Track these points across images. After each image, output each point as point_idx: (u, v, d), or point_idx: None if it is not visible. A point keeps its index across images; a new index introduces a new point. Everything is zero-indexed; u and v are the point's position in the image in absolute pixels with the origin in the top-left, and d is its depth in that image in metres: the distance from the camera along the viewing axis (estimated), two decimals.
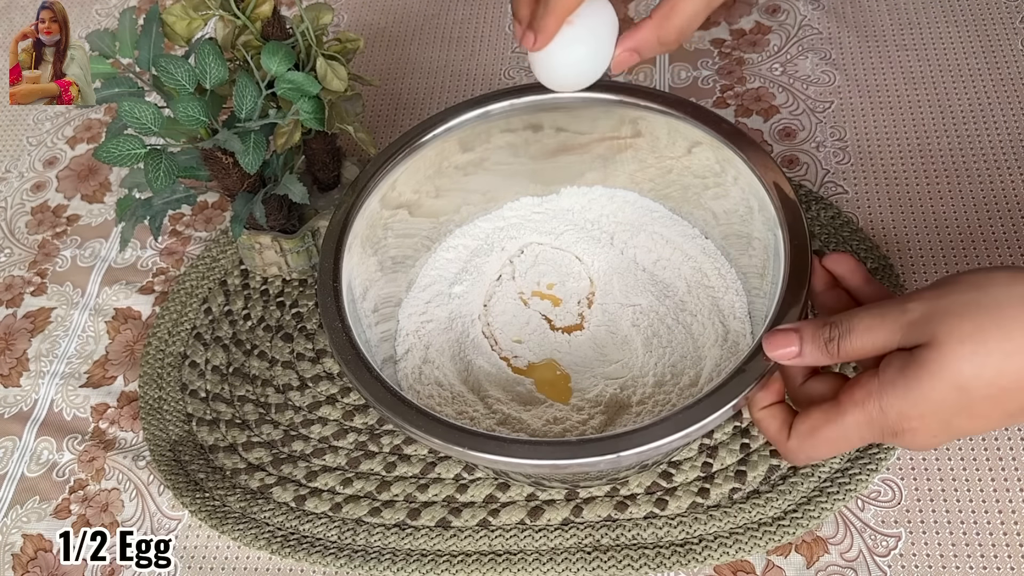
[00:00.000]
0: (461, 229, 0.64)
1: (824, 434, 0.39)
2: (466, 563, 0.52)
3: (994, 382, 0.34)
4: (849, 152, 0.67)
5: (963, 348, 0.34)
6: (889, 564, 0.50)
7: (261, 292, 0.66)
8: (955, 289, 0.36)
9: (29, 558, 0.57)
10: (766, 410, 0.43)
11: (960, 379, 0.34)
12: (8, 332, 0.68)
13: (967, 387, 0.35)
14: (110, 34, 0.52)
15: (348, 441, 0.58)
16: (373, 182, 0.55)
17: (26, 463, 0.61)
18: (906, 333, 0.36)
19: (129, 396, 0.63)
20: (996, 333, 0.34)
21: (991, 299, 0.34)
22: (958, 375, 0.34)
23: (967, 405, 0.35)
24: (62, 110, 0.81)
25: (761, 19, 0.77)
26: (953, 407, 0.35)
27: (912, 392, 0.36)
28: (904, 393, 0.36)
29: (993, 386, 0.34)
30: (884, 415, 0.37)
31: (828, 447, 0.40)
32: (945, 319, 0.35)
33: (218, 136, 0.52)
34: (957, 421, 0.36)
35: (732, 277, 0.58)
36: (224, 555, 0.55)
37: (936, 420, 0.36)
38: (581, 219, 0.64)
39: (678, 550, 0.51)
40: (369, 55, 0.80)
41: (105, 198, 0.75)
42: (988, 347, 0.34)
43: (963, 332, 0.34)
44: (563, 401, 0.56)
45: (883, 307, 0.38)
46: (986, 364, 0.34)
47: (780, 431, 0.42)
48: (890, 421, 0.37)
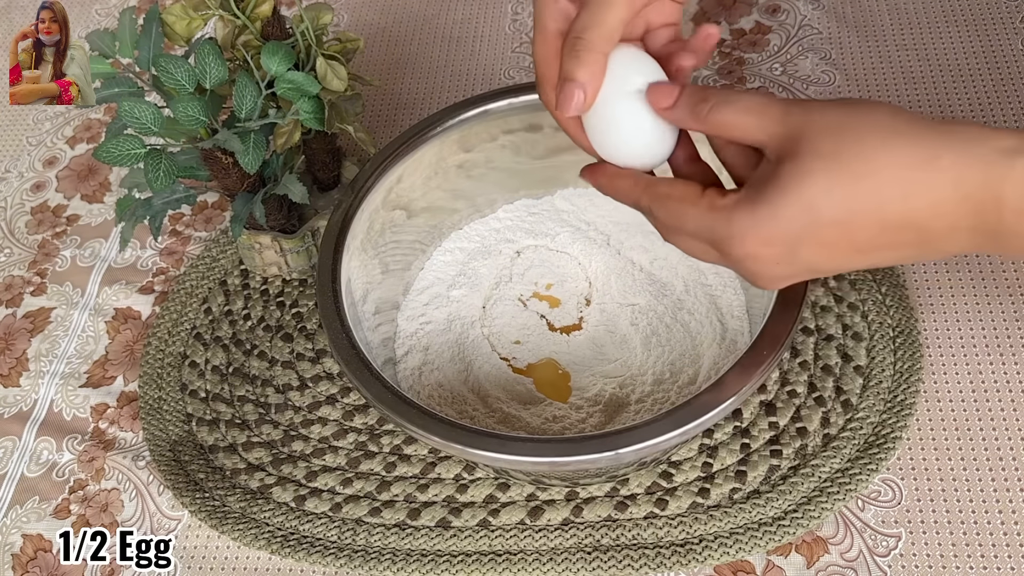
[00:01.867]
0: (458, 232, 0.64)
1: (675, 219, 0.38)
2: (466, 563, 0.52)
3: (843, 204, 0.33)
4: None
5: (817, 163, 0.33)
6: (889, 564, 0.50)
7: (261, 292, 0.66)
8: (832, 109, 0.34)
9: (29, 558, 0.57)
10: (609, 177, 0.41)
11: (810, 198, 0.33)
12: (8, 332, 0.68)
13: (815, 205, 0.33)
14: (110, 34, 0.52)
15: (348, 441, 0.58)
16: (372, 182, 0.55)
17: (26, 463, 0.61)
18: (779, 138, 0.35)
19: (129, 396, 0.63)
20: (854, 151, 0.33)
21: (860, 122, 0.33)
22: (809, 194, 0.33)
23: (814, 229, 0.34)
24: (62, 110, 0.82)
25: (761, 19, 0.77)
26: (800, 230, 0.34)
27: (760, 211, 0.34)
28: (752, 211, 0.35)
29: (842, 208, 0.33)
30: (725, 233, 0.36)
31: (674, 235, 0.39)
32: (811, 136, 0.34)
33: (218, 136, 0.52)
34: (804, 250, 0.35)
35: (730, 275, 0.58)
36: (224, 555, 0.55)
37: (782, 246, 0.35)
38: (578, 220, 0.64)
39: (678, 550, 0.51)
40: (369, 55, 0.80)
41: (105, 198, 0.75)
42: (841, 165, 0.33)
43: (822, 149, 0.33)
44: (563, 400, 0.56)
45: (770, 103, 0.36)
46: (837, 182, 0.33)
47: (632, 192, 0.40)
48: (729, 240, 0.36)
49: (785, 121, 0.35)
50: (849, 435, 0.54)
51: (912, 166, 0.32)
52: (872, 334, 0.57)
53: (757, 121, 0.36)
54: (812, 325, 0.58)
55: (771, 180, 0.34)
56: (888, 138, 0.33)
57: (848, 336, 0.57)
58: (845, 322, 0.58)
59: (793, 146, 0.34)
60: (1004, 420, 0.54)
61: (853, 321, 0.58)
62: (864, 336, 0.57)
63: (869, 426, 0.54)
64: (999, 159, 0.31)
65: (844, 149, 0.33)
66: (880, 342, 0.57)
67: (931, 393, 0.56)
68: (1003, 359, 0.56)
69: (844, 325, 0.58)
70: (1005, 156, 0.31)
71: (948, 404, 0.55)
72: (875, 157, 0.33)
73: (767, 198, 0.34)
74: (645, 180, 0.40)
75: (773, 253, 0.35)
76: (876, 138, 0.33)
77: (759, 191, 0.35)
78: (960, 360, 0.57)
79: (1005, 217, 0.32)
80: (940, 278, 0.60)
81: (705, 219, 0.37)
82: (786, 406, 0.55)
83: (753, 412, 0.55)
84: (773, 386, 0.56)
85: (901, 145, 0.33)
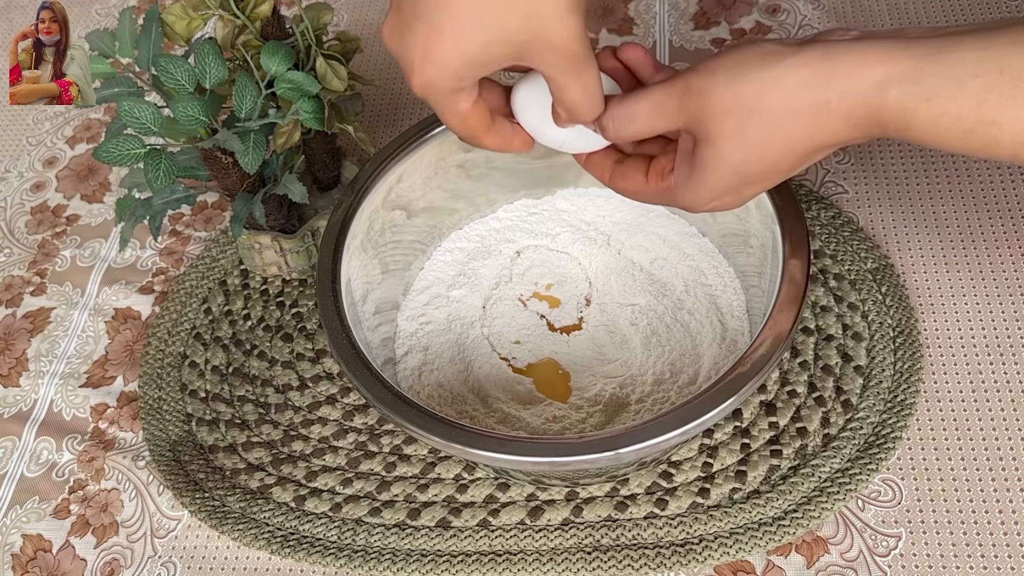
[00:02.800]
0: (458, 232, 0.64)
1: (636, 194, 0.46)
2: (466, 563, 0.52)
3: (762, 160, 0.40)
4: (849, 152, 0.67)
5: (731, 142, 0.40)
6: (889, 564, 0.50)
7: (261, 292, 0.66)
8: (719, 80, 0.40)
9: (29, 558, 0.57)
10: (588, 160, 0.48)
11: (733, 166, 0.40)
12: (8, 332, 0.68)
13: (742, 169, 0.40)
14: (110, 34, 0.52)
15: (348, 441, 0.58)
16: (372, 182, 0.55)
17: (26, 463, 0.61)
18: (686, 121, 0.41)
19: (129, 396, 0.63)
20: (756, 124, 0.39)
21: (751, 89, 0.39)
22: (731, 164, 0.40)
23: (747, 180, 0.41)
24: (62, 110, 0.82)
25: (761, 19, 0.77)
26: (736, 184, 0.42)
27: (699, 186, 0.42)
28: (694, 188, 0.42)
29: (762, 163, 0.40)
30: (681, 204, 0.44)
31: (638, 199, 0.47)
32: (714, 117, 0.40)
33: (218, 136, 0.52)
34: (745, 190, 0.42)
35: (730, 276, 0.58)
36: (224, 555, 0.55)
37: (726, 197, 0.43)
38: (578, 220, 0.64)
39: (678, 550, 0.51)
40: (369, 55, 0.80)
41: (105, 198, 0.75)
42: (750, 138, 0.39)
43: (730, 128, 0.39)
44: (563, 400, 0.56)
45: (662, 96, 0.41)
46: (750, 153, 0.40)
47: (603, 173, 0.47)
48: (686, 206, 0.44)
49: (683, 111, 0.41)
50: (849, 435, 0.54)
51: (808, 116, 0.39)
52: (872, 334, 0.57)
53: (660, 122, 0.42)
54: (812, 325, 0.58)
55: (697, 163, 0.42)
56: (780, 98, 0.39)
57: (848, 336, 0.57)
58: (845, 322, 0.58)
59: (702, 130, 0.40)
60: (1004, 420, 0.54)
61: (853, 321, 0.58)
62: (864, 336, 0.57)
63: (869, 426, 0.54)
64: (874, 92, 0.37)
65: (747, 125, 0.39)
66: (880, 342, 0.57)
67: (931, 393, 0.56)
68: (1003, 359, 0.56)
69: (844, 325, 0.58)
70: (879, 89, 0.37)
71: (948, 404, 0.55)
72: (775, 122, 0.39)
73: (700, 178, 0.42)
74: (608, 175, 0.47)
75: (722, 202, 0.43)
76: (770, 103, 0.39)
77: (690, 174, 0.42)
78: (960, 360, 0.57)
79: (888, 132, 0.39)
80: (940, 278, 0.60)
81: (661, 197, 0.45)
82: (786, 406, 0.55)
83: (753, 412, 0.55)
84: (773, 386, 0.56)
85: (793, 102, 0.39)
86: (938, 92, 0.36)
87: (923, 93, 0.37)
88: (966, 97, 0.36)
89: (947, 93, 0.36)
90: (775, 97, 0.39)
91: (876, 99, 0.37)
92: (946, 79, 0.36)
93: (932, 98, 0.36)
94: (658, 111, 0.42)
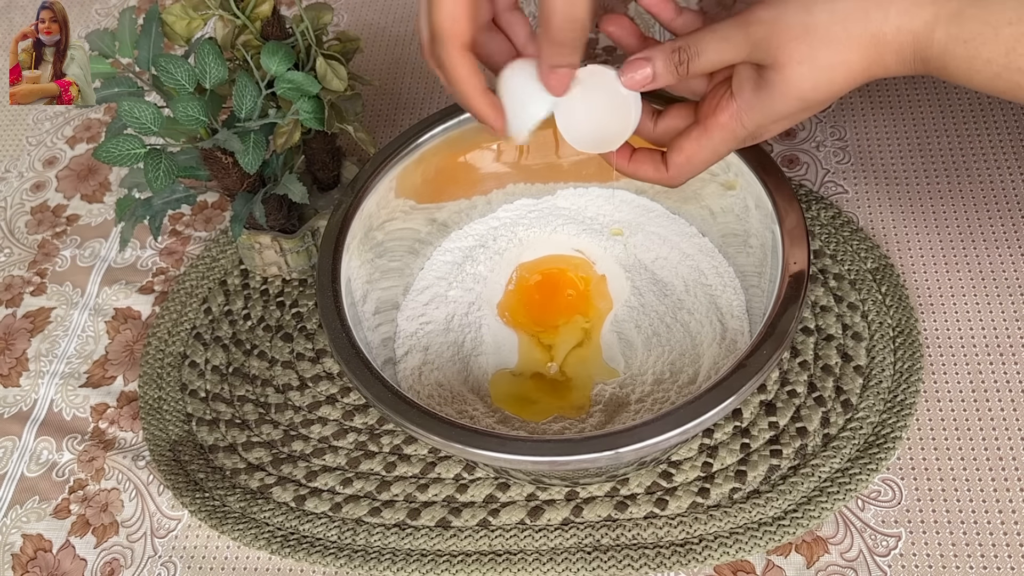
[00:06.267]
0: (458, 232, 0.64)
1: (698, 157, 0.46)
2: (466, 563, 0.52)
3: (827, 89, 0.42)
4: (849, 152, 0.67)
5: (801, 68, 0.41)
6: (889, 564, 0.50)
7: (261, 292, 0.66)
8: (790, 10, 0.42)
9: (29, 558, 0.57)
10: (632, 163, 0.48)
11: (800, 93, 0.42)
12: (8, 332, 0.68)
13: (806, 98, 0.43)
14: (110, 34, 0.52)
15: (348, 441, 0.58)
16: (372, 182, 0.55)
17: (26, 463, 0.61)
18: (751, 51, 0.43)
19: (129, 396, 0.63)
20: (825, 51, 0.41)
21: (819, 21, 0.41)
22: (799, 91, 0.42)
23: (807, 107, 0.43)
24: (62, 110, 0.82)
25: None
26: (797, 112, 0.44)
27: (766, 108, 0.44)
28: (760, 110, 0.44)
29: (826, 92, 0.43)
30: (745, 129, 0.45)
31: (702, 165, 0.47)
32: (784, 44, 0.41)
33: (218, 136, 0.52)
34: (799, 116, 0.44)
35: (730, 275, 0.58)
36: (224, 555, 0.55)
37: (786, 121, 0.44)
38: (578, 220, 0.64)
39: (678, 550, 0.51)
40: (369, 55, 0.80)
41: (105, 198, 0.75)
42: (819, 64, 0.41)
43: (801, 55, 0.41)
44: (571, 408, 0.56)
45: (727, 30, 0.43)
46: (820, 79, 0.42)
47: (657, 170, 0.48)
48: (749, 132, 0.45)
49: (748, 41, 0.42)
50: (849, 435, 0.54)
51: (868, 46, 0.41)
52: (872, 334, 0.57)
53: (731, 54, 0.43)
54: (812, 325, 0.58)
55: (764, 90, 0.43)
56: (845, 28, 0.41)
57: (848, 336, 0.57)
58: (845, 322, 0.58)
59: (769, 57, 0.42)
60: (1004, 420, 0.54)
61: (853, 321, 0.58)
62: (864, 336, 0.57)
63: (869, 426, 0.54)
64: (923, 30, 0.40)
65: (817, 50, 0.41)
66: (880, 342, 0.57)
67: (931, 393, 0.56)
68: (1003, 359, 0.56)
69: (844, 325, 0.58)
70: (927, 27, 0.40)
71: (948, 404, 0.55)
72: (840, 49, 0.41)
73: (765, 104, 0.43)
74: (658, 160, 0.48)
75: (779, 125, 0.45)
76: (836, 33, 0.41)
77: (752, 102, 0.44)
78: (960, 360, 0.57)
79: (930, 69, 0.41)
80: (940, 278, 0.60)
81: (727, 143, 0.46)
82: (786, 406, 0.55)
83: (753, 412, 0.55)
84: (773, 386, 0.56)
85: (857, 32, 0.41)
86: (974, 36, 0.39)
87: (962, 35, 0.39)
88: (998, 43, 0.39)
89: (981, 37, 0.39)
90: (841, 28, 0.41)
91: (924, 37, 0.40)
92: (984, 24, 0.39)
93: (969, 40, 0.39)
94: (725, 42, 0.43)
